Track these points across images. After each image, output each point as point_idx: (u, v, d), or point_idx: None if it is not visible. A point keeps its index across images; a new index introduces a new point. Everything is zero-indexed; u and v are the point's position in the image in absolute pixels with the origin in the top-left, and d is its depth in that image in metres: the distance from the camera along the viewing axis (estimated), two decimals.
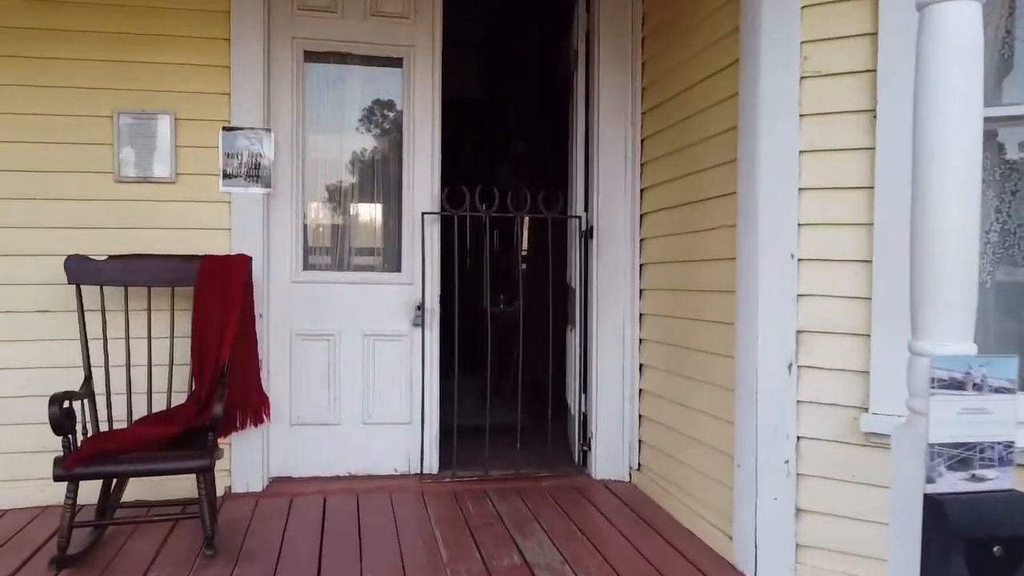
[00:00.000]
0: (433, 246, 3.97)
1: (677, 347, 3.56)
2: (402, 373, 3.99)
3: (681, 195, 3.50)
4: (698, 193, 3.33)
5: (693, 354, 3.37)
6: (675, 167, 3.57)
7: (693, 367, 3.38)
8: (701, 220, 3.30)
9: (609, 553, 3.03)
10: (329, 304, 3.91)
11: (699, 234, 3.33)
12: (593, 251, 4.07)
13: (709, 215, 3.22)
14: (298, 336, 3.88)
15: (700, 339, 3.31)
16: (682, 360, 3.49)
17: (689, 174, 3.41)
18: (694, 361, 3.36)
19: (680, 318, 3.53)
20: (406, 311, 3.97)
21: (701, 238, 3.31)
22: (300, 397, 3.89)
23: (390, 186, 4.05)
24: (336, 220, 4.03)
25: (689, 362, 3.42)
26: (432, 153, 3.97)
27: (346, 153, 4.01)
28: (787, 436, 2.73)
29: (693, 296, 3.39)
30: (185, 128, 3.62)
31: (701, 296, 3.31)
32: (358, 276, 3.98)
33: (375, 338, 3.96)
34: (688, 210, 3.44)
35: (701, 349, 3.30)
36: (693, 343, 3.38)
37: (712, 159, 3.18)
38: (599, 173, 4.05)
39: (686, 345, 3.45)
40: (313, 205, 3.98)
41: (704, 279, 3.28)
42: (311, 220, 3.97)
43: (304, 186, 3.91)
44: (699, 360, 3.31)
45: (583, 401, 4.21)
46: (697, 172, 3.33)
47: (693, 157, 3.37)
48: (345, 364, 3.94)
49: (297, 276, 3.89)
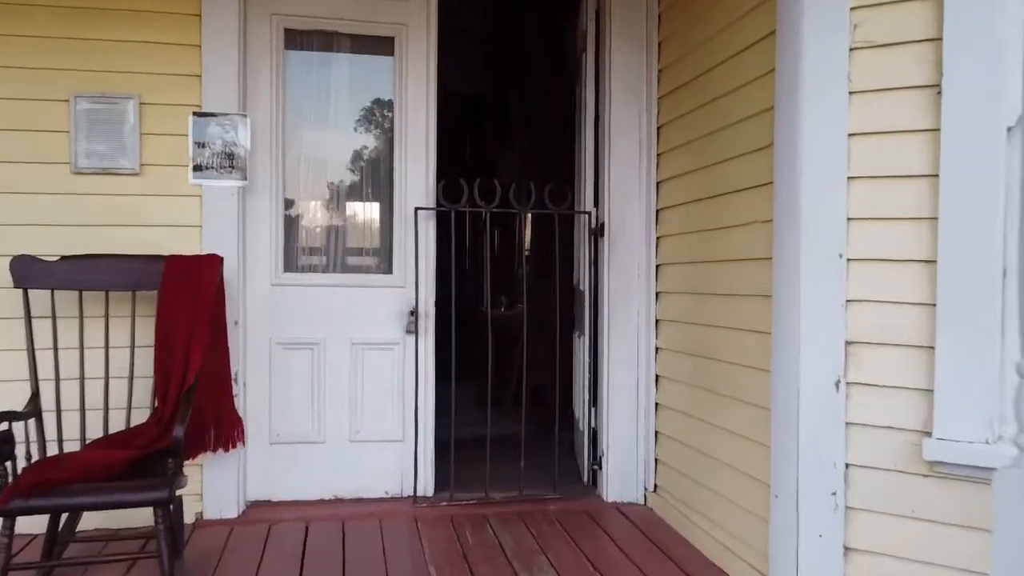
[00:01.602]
0: (428, 245, 3.63)
1: (699, 358, 3.21)
2: (394, 385, 3.64)
3: (704, 187, 3.15)
4: (724, 185, 2.98)
5: (719, 366, 3.02)
6: (697, 156, 3.22)
7: (719, 381, 3.03)
8: (728, 215, 2.95)
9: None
10: (313, 310, 3.56)
11: (726, 231, 2.98)
12: (604, 250, 3.72)
13: (738, 209, 2.87)
14: (279, 345, 3.54)
15: (727, 349, 2.96)
16: (706, 372, 3.14)
17: (714, 164, 3.07)
18: (720, 374, 3.01)
19: (703, 325, 3.18)
20: (398, 316, 3.62)
21: (728, 235, 2.96)
22: (281, 412, 3.54)
23: (381, 179, 3.70)
24: (321, 217, 3.68)
25: (714, 375, 3.07)
26: (427, 142, 3.62)
27: (332, 142, 3.66)
28: (834, 464, 2.38)
29: (718, 301, 3.04)
30: (151, 114, 3.27)
31: (728, 301, 2.96)
32: (345, 278, 3.64)
33: (364, 347, 3.61)
34: (712, 204, 3.09)
35: (729, 360, 2.95)
36: (719, 353, 3.03)
37: (741, 146, 2.84)
38: (610, 165, 3.70)
39: (710, 356, 3.10)
40: (295, 200, 3.63)
41: (732, 282, 2.93)
42: (293, 217, 3.62)
43: (285, 179, 3.56)
44: (726, 373, 2.96)
45: (593, 415, 3.86)
46: (723, 161, 2.98)
47: (719, 144, 3.02)
48: (331, 376, 3.59)
49: (278, 279, 3.54)
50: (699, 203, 3.21)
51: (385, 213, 3.69)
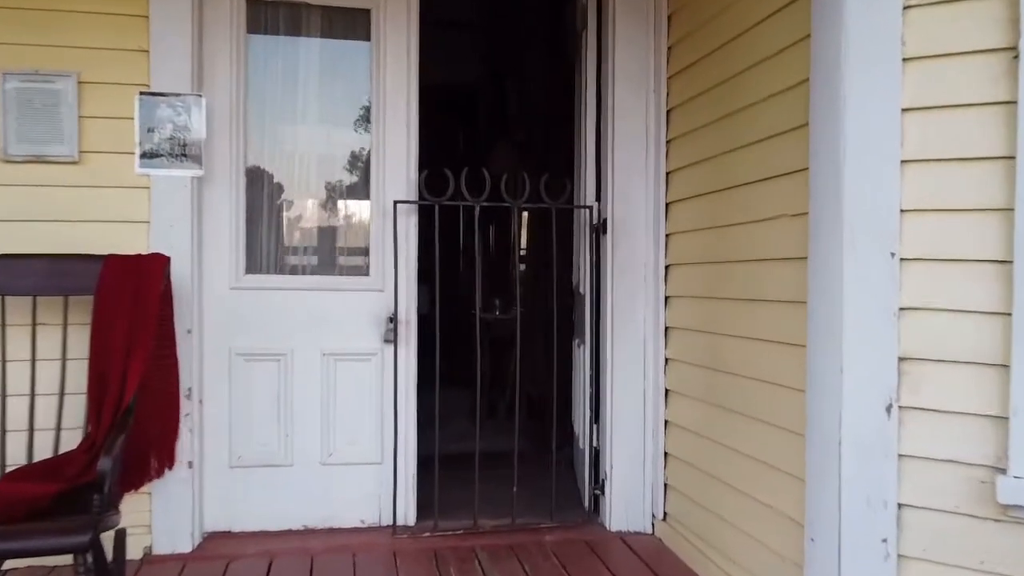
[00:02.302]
0: (409, 243, 3.24)
1: (716, 371, 2.82)
2: (371, 401, 3.25)
3: (721, 177, 2.77)
4: (746, 173, 2.60)
5: (739, 382, 2.64)
6: (713, 142, 2.84)
7: (739, 399, 2.64)
8: (751, 208, 2.57)
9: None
10: (279, 316, 3.18)
11: (748, 227, 2.60)
12: (607, 249, 3.34)
13: (763, 201, 2.49)
14: (240, 356, 3.15)
15: (750, 363, 2.58)
16: (723, 388, 2.76)
17: (733, 150, 2.69)
18: (741, 391, 2.63)
19: (720, 335, 2.80)
20: (376, 324, 3.24)
21: (751, 232, 2.58)
22: (242, 432, 3.16)
23: (356, 170, 3.32)
24: (288, 211, 3.29)
25: (733, 392, 2.68)
26: (408, 126, 3.24)
27: (301, 127, 3.27)
28: (884, 504, 2.00)
29: (739, 307, 2.66)
30: (91, 94, 2.89)
31: (751, 307, 2.58)
32: (316, 281, 3.25)
33: (337, 358, 3.22)
34: (731, 196, 2.71)
35: (751, 376, 2.56)
36: (739, 368, 2.65)
37: (768, 127, 2.46)
38: (614, 154, 3.32)
39: (729, 370, 2.72)
40: (259, 192, 3.25)
41: (755, 285, 2.55)
42: (257, 212, 3.24)
43: (247, 168, 3.18)
44: (748, 390, 2.58)
45: (595, 433, 3.47)
46: (745, 146, 2.60)
47: (739, 127, 2.64)
48: (300, 390, 3.20)
49: (239, 281, 3.15)
50: (715, 195, 2.84)
51: (361, 208, 3.31)
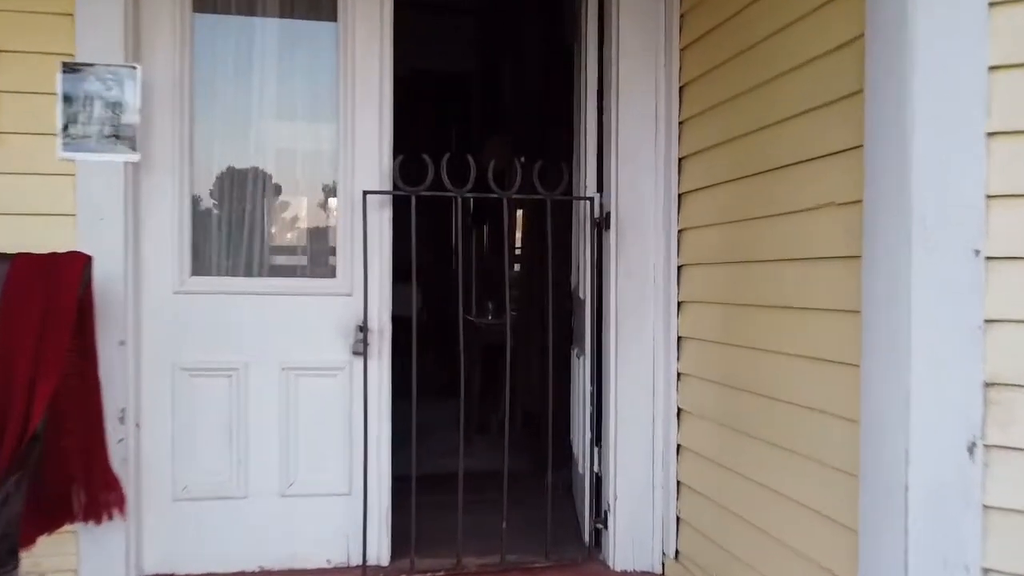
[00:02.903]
0: (382, 240, 2.83)
1: (738, 391, 2.41)
2: (338, 422, 2.84)
3: (746, 161, 2.36)
4: (779, 155, 2.18)
5: (768, 405, 2.23)
6: (736, 120, 2.42)
7: (768, 425, 2.23)
8: (785, 197, 2.16)
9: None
10: (231, 324, 2.76)
11: (780, 219, 2.19)
12: (610, 247, 2.93)
13: (801, 188, 2.08)
14: (184, 371, 2.73)
15: (783, 383, 2.16)
16: (748, 411, 2.35)
17: (761, 128, 2.27)
18: (770, 416, 2.22)
19: (743, 347, 2.39)
20: (343, 333, 2.82)
21: (784, 225, 2.17)
22: (188, 459, 2.74)
23: (322, 156, 2.91)
24: (244, 204, 2.87)
25: (761, 416, 2.27)
26: (380, 103, 2.82)
27: (257, 105, 2.86)
28: (965, 568, 1.58)
29: (768, 315, 2.25)
30: (4, 64, 2.47)
31: (783, 316, 2.17)
32: (275, 284, 2.84)
33: (299, 373, 2.81)
34: (759, 183, 2.30)
35: (785, 399, 2.15)
36: (768, 387, 2.24)
37: (806, 98, 2.04)
38: (618, 137, 2.91)
39: (755, 390, 2.31)
40: (210, 183, 2.83)
41: (789, 289, 2.14)
42: (206, 204, 2.82)
43: (194, 153, 2.76)
44: (780, 416, 2.17)
45: (596, 457, 3.06)
46: (777, 123, 2.19)
47: (769, 101, 2.23)
48: (255, 411, 2.79)
49: (183, 284, 2.74)
50: (738, 183, 2.42)
51: (327, 200, 2.89)
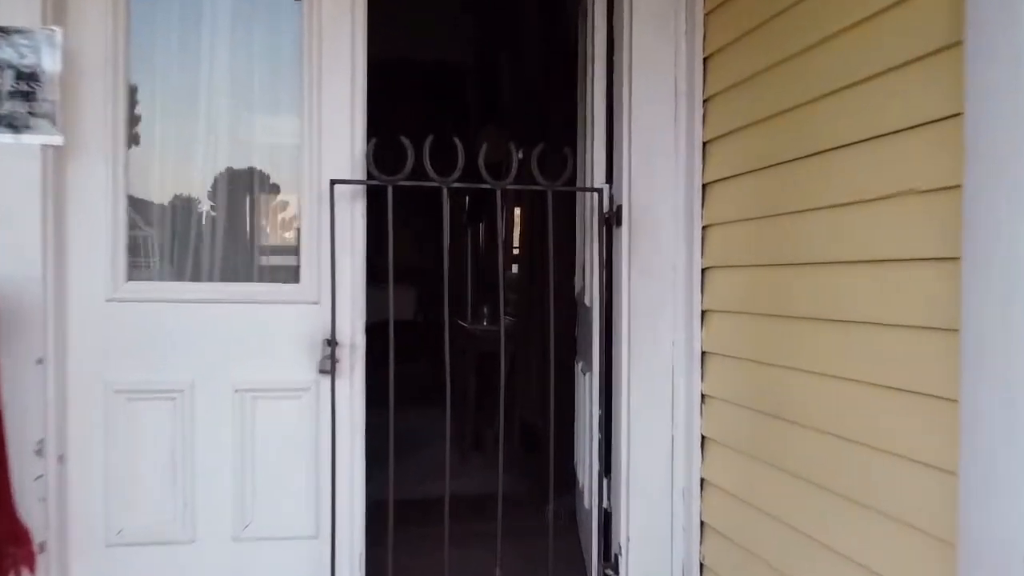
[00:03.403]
0: (354, 239, 2.41)
1: (778, 420, 2.00)
2: (302, 453, 2.42)
3: (790, 142, 1.95)
4: (834, 132, 1.77)
5: (820, 441, 1.82)
6: (777, 93, 2.01)
7: (820, 465, 1.82)
8: (843, 184, 1.75)
9: None
10: (176, 338, 2.35)
11: (836, 212, 1.78)
12: (622, 246, 2.52)
13: (867, 173, 1.67)
14: (119, 394, 2.31)
15: (840, 416, 1.75)
16: (791, 446, 1.94)
17: (812, 100, 1.86)
18: (822, 454, 1.81)
19: (785, 368, 1.98)
20: (309, 347, 2.40)
21: (843, 219, 1.76)
22: (124, 498, 2.32)
23: (283, 141, 2.49)
24: (191, 197, 2.46)
25: (808, 453, 1.86)
26: (353, 78, 2.40)
27: (207, 81, 2.43)
28: None
29: (820, 331, 1.84)
30: None
31: (843, 332, 1.76)
32: (227, 291, 2.42)
33: (256, 395, 2.39)
34: (807, 168, 1.89)
35: (842, 435, 1.74)
36: (819, 419, 1.83)
37: (875, 60, 1.63)
38: (631, 119, 2.50)
39: (801, 421, 1.90)
40: (149, 170, 2.42)
41: (854, 299, 1.72)
42: (145, 195, 2.40)
43: (132, 139, 2.35)
44: (836, 455, 1.76)
45: (605, 490, 2.65)
46: (833, 93, 1.78)
47: (823, 65, 1.82)
48: (204, 440, 2.37)
49: (118, 291, 2.32)
50: (779, 169, 2.01)
51: (289, 192, 2.48)
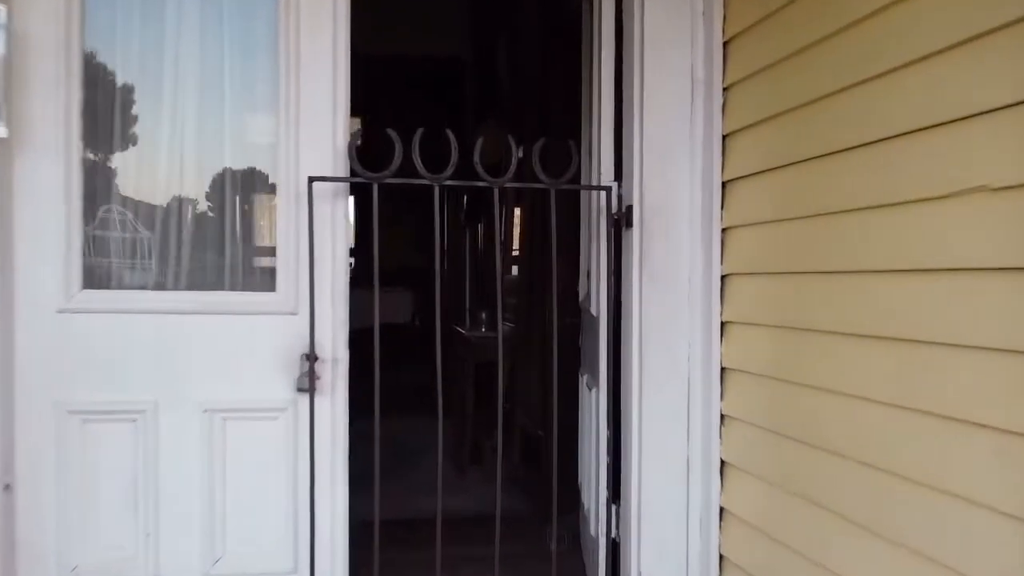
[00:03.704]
0: (336, 242, 2.18)
1: (809, 447, 1.77)
2: (279, 478, 2.19)
3: (827, 132, 1.72)
4: (884, 120, 1.54)
5: (861, 474, 1.59)
6: (808, 80, 1.78)
7: (863, 502, 1.59)
8: (894, 181, 1.52)
9: None
10: (137, 353, 2.12)
11: (885, 213, 1.55)
12: (633, 250, 2.28)
13: (927, 166, 1.44)
14: (74, 415, 2.08)
15: (888, 448, 1.52)
16: (826, 477, 1.71)
17: (856, 84, 1.63)
18: (864, 489, 1.58)
19: (819, 389, 1.75)
20: (286, 363, 2.17)
21: (894, 222, 1.53)
22: (79, 530, 2.09)
23: (258, 131, 2.26)
24: (155, 195, 2.22)
25: (846, 487, 1.63)
26: (335, 63, 2.17)
27: (172, 68, 2.20)
28: None
29: (865, 349, 1.61)
30: None
31: (893, 351, 1.52)
32: (195, 300, 2.19)
33: (227, 415, 2.16)
34: (849, 163, 1.66)
35: (891, 471, 1.51)
36: (860, 450, 1.60)
37: (938, 32, 1.40)
38: (643, 110, 2.27)
39: (838, 450, 1.67)
40: (108, 167, 2.19)
41: (907, 313, 1.49)
42: (103, 197, 2.17)
43: (87, 131, 2.12)
44: (882, 492, 1.52)
45: (613, 518, 2.42)
46: (875, 78, 1.55)
47: (869, 43, 1.59)
48: (169, 465, 2.14)
49: (71, 300, 2.09)
50: (814, 164, 1.78)
51: (262, 189, 2.25)
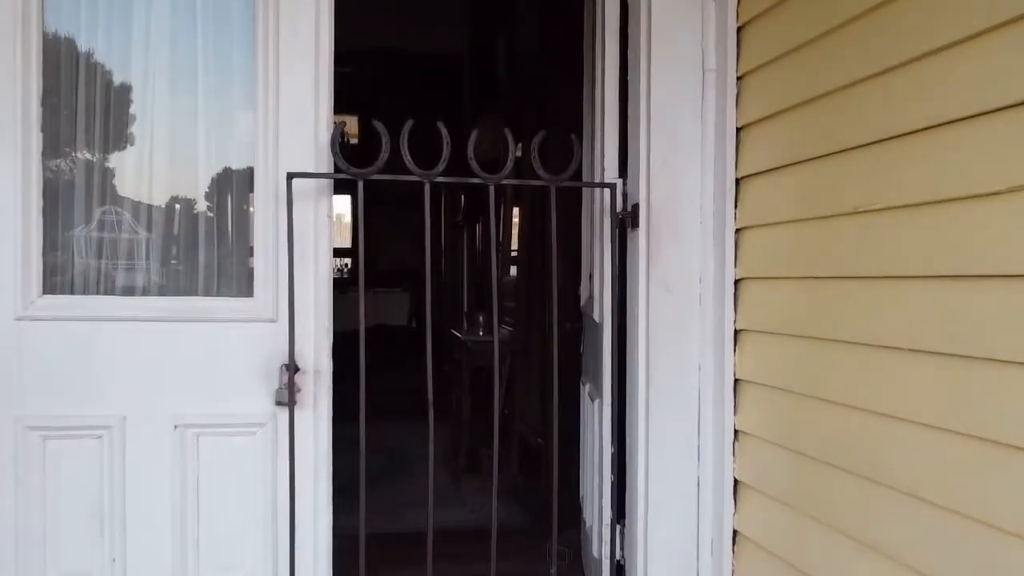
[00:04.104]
0: (318, 244, 2.03)
1: (830, 467, 1.63)
2: (257, 498, 2.04)
3: (849, 126, 1.57)
4: (918, 110, 1.39)
5: (891, 499, 1.44)
6: (832, 67, 1.63)
7: (893, 530, 1.43)
8: (934, 176, 1.36)
9: None
10: (103, 363, 1.96)
11: (923, 212, 1.40)
12: (639, 252, 2.13)
13: (980, 160, 1.28)
14: (34, 431, 1.93)
15: (937, 476, 1.36)
16: (852, 502, 1.56)
17: (880, 73, 1.48)
18: (896, 518, 1.43)
19: (843, 406, 1.60)
20: (264, 374, 2.02)
21: (934, 221, 1.37)
22: (38, 555, 1.94)
23: (232, 127, 2.10)
24: (122, 191, 2.07)
25: (875, 514, 1.48)
26: (317, 49, 2.01)
27: (142, 52, 2.04)
28: None
29: (896, 362, 1.46)
30: None
31: (932, 366, 1.37)
32: (166, 306, 2.03)
33: (200, 431, 2.01)
34: (879, 156, 1.51)
35: (933, 501, 1.35)
36: (891, 474, 1.45)
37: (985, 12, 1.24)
38: (650, 101, 2.12)
39: (866, 474, 1.52)
40: (70, 161, 2.03)
41: (947, 325, 1.34)
42: (65, 191, 2.01)
43: (46, 124, 1.96)
44: (927, 525, 1.37)
45: (617, 539, 2.26)
46: (911, 62, 1.39)
47: (899, 27, 1.43)
48: (138, 484, 1.99)
49: (30, 307, 1.94)
50: (838, 159, 1.63)
51: (239, 186, 2.09)
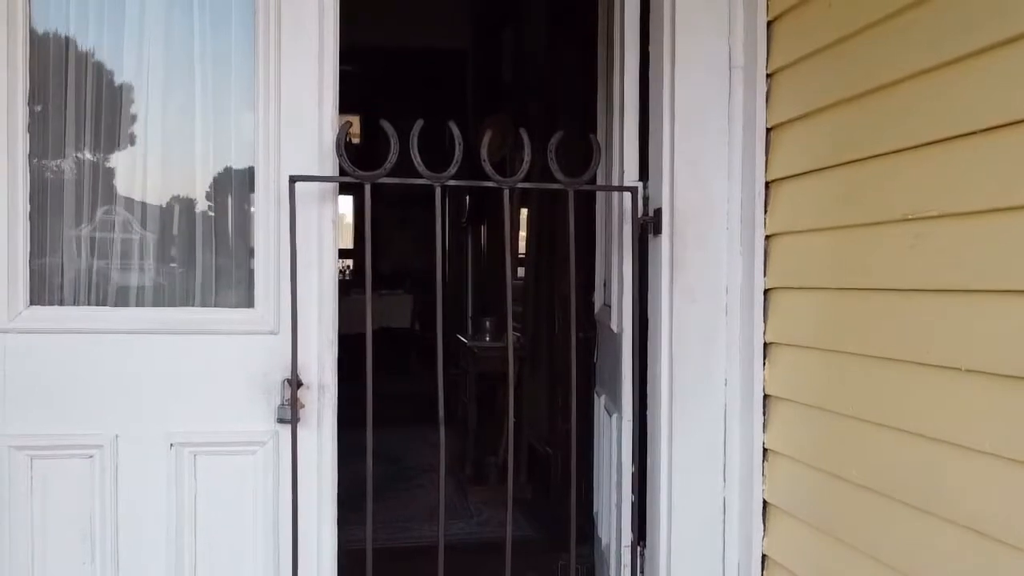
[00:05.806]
0: (323, 251, 1.94)
1: (872, 493, 1.54)
2: (257, 521, 1.95)
3: (894, 126, 1.49)
4: (986, 108, 1.30)
5: (939, 529, 1.34)
6: (875, 61, 1.55)
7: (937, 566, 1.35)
8: (997, 180, 1.28)
9: None
10: (94, 379, 1.88)
11: (977, 219, 1.31)
12: (662, 259, 2.05)
13: None
14: (19, 451, 1.85)
15: (997, 508, 1.27)
16: (895, 533, 1.47)
17: (933, 68, 1.39)
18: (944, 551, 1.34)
19: (887, 427, 1.52)
20: (264, 390, 1.93)
21: (986, 232, 1.29)
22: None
23: (235, 125, 2.02)
24: (114, 196, 1.99)
25: (922, 547, 1.39)
26: (322, 43, 1.92)
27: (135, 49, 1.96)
28: None
29: (946, 382, 1.37)
30: None
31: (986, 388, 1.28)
32: (161, 318, 1.95)
33: (197, 450, 1.93)
34: (927, 160, 1.42)
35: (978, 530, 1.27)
36: (940, 503, 1.36)
37: None
38: (672, 101, 2.04)
39: (908, 502, 1.43)
40: (59, 165, 1.95)
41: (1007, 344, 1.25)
42: (54, 200, 1.93)
43: (33, 124, 1.88)
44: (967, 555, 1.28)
45: (638, 561, 2.18)
46: (968, 56, 1.31)
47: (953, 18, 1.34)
48: (131, 507, 1.90)
49: (16, 319, 1.85)
50: (881, 161, 1.54)
51: (239, 188, 2.01)
